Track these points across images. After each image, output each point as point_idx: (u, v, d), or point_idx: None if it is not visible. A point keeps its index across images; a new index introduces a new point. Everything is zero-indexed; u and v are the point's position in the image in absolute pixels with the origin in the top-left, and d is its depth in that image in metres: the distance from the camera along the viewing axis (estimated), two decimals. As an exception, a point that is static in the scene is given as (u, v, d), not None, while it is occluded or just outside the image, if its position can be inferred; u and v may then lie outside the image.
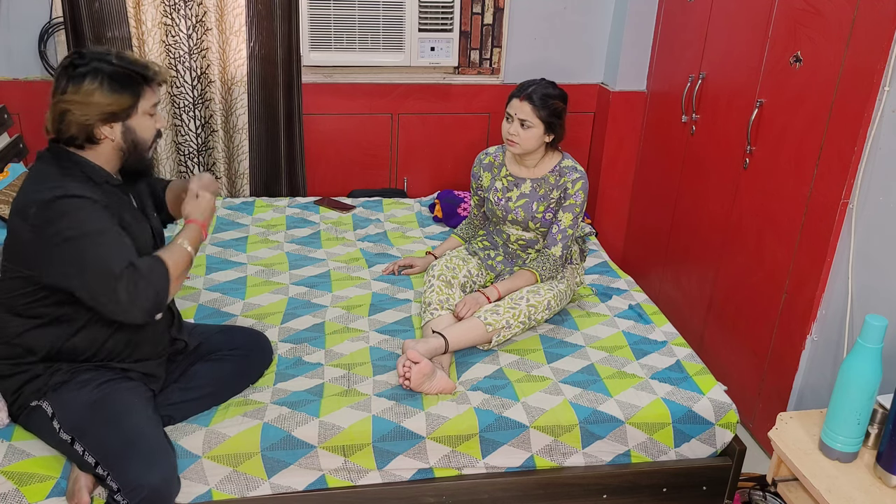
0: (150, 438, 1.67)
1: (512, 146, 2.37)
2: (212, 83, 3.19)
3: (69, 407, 1.71)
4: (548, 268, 2.39)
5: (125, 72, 1.70)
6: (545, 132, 2.36)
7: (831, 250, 2.15)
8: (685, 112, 2.96)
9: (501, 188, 2.49)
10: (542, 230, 2.45)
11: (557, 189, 2.41)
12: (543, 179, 2.43)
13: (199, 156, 3.31)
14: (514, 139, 2.36)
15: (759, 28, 2.45)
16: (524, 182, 2.45)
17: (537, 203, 2.43)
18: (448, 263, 2.46)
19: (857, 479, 1.62)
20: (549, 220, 2.43)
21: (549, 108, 2.33)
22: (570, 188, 2.39)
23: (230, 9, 3.08)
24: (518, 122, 2.34)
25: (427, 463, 1.93)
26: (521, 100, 2.33)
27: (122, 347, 1.80)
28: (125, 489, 1.59)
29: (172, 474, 1.67)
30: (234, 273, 2.62)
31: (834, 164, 2.12)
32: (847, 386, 1.61)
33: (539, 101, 2.32)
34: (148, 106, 1.76)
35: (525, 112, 2.32)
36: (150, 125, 1.80)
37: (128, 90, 1.70)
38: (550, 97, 2.33)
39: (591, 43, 3.48)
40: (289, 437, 1.86)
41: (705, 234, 2.84)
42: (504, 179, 2.50)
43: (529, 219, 2.44)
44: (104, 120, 1.69)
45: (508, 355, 2.22)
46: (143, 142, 1.79)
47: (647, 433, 2.02)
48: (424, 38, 3.30)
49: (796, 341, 2.30)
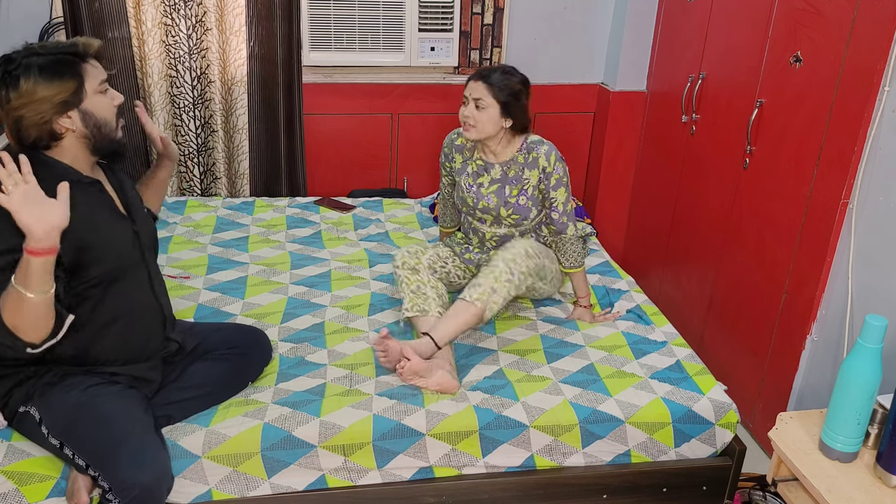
0: (139, 438, 1.65)
1: (468, 131, 2.27)
2: (212, 83, 3.19)
3: (56, 411, 1.70)
4: (574, 253, 2.37)
5: (56, 58, 1.65)
6: (502, 114, 2.26)
7: (831, 250, 2.15)
8: (685, 112, 2.96)
9: (472, 172, 2.41)
10: (514, 218, 2.36)
11: (529, 168, 2.32)
12: (513, 160, 2.34)
13: (199, 156, 3.31)
14: (469, 121, 2.26)
15: (759, 28, 2.45)
16: (493, 167, 2.37)
17: (510, 187, 2.34)
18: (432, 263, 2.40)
19: (857, 479, 1.62)
20: (523, 207, 2.34)
21: (504, 87, 2.24)
22: (547, 164, 2.31)
23: (230, 9, 3.08)
24: (473, 104, 2.24)
25: (427, 462, 1.93)
26: (476, 80, 2.25)
27: (110, 351, 1.77)
28: (116, 489, 1.59)
29: (164, 473, 1.65)
30: (234, 273, 2.62)
31: (834, 164, 2.12)
32: (847, 386, 1.61)
33: (495, 79, 2.24)
34: (95, 84, 1.70)
35: (479, 91, 2.24)
36: (107, 103, 1.73)
37: (67, 74, 1.65)
38: (507, 76, 2.26)
39: (591, 43, 3.48)
40: (289, 436, 1.86)
41: (705, 234, 2.84)
42: (474, 163, 2.41)
43: (501, 205, 2.34)
44: (58, 112, 1.64)
45: (508, 355, 2.22)
46: (105, 122, 1.73)
47: (647, 433, 2.02)
48: (424, 38, 3.30)
49: (796, 341, 2.30)
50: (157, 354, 1.89)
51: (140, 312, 1.83)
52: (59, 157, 1.71)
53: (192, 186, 3.35)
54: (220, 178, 3.35)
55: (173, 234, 2.88)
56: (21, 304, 1.50)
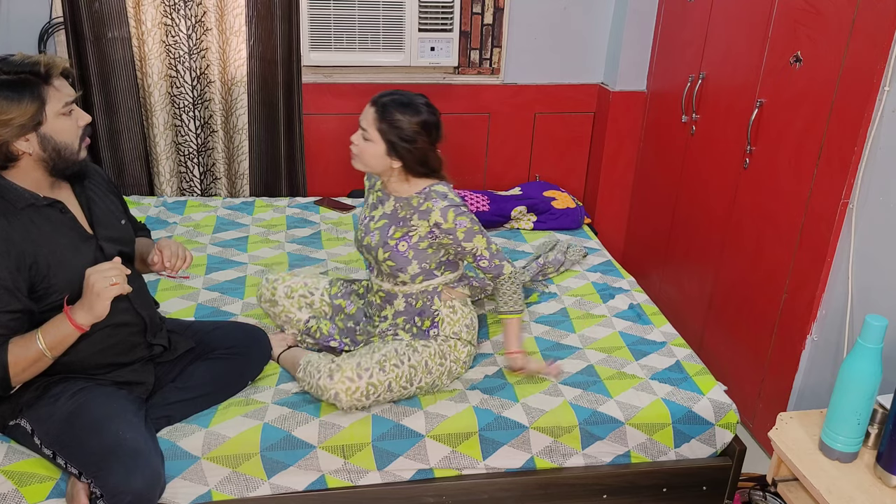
0: (130, 443, 1.64)
1: (352, 159, 2.02)
2: (212, 83, 3.19)
3: (46, 422, 1.69)
4: (511, 293, 2.06)
5: (16, 78, 1.56)
6: (388, 152, 1.96)
7: (831, 250, 2.15)
8: (685, 112, 2.96)
9: (371, 203, 2.14)
10: (389, 265, 2.03)
11: (420, 216, 1.99)
12: (407, 201, 2.03)
13: (198, 156, 3.31)
14: (353, 148, 2.00)
15: (759, 28, 2.45)
16: (388, 200, 2.07)
17: (395, 227, 2.02)
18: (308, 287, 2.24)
19: (857, 479, 1.62)
20: (401, 255, 2.01)
21: (393, 126, 1.93)
22: (443, 221, 1.97)
23: (230, 9, 3.08)
24: (360, 132, 1.98)
25: (427, 464, 1.93)
26: (371, 105, 1.98)
27: (87, 360, 1.74)
28: (108, 495, 1.58)
29: (156, 478, 1.64)
30: (234, 273, 2.62)
31: (834, 164, 2.11)
32: (847, 386, 1.61)
33: (386, 113, 1.93)
34: (59, 106, 1.61)
35: (368, 120, 1.96)
36: (69, 125, 1.64)
37: (27, 97, 1.56)
38: (400, 111, 1.93)
39: (591, 43, 3.48)
40: (289, 437, 1.86)
41: (705, 233, 2.84)
42: (375, 193, 2.14)
43: (381, 244, 2.03)
44: (15, 135, 1.56)
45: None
46: (65, 146, 1.64)
47: (647, 434, 2.02)
48: (424, 38, 3.29)
49: (796, 341, 2.30)
50: (141, 359, 1.86)
51: (116, 326, 1.78)
52: (14, 177, 1.63)
53: (192, 186, 3.35)
54: (219, 179, 3.35)
55: (173, 235, 2.88)
56: (38, 362, 1.61)
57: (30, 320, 1.64)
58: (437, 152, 2.03)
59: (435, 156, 2.03)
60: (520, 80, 3.49)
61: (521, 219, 3.17)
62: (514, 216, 3.16)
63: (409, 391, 1.97)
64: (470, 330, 2.11)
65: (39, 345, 1.59)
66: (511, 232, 3.14)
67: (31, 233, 1.61)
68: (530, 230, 3.15)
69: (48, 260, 1.63)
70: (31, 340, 1.60)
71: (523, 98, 3.51)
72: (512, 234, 3.11)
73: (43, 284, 1.64)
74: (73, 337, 1.61)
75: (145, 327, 1.86)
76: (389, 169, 2.00)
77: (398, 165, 1.99)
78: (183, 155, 3.29)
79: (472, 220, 2.01)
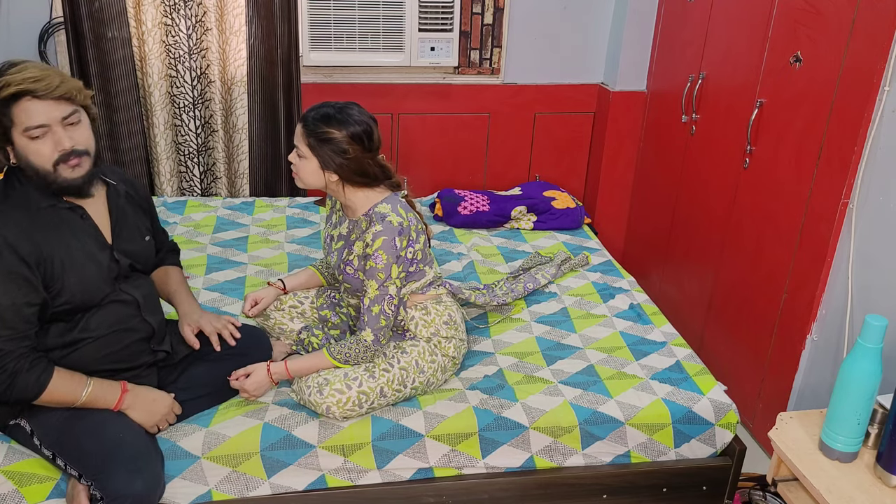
0: (130, 446, 1.64)
1: (295, 177, 1.98)
2: (212, 83, 3.19)
3: (46, 424, 1.69)
4: (352, 352, 1.92)
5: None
6: (321, 167, 1.90)
7: (831, 250, 2.15)
8: (685, 112, 2.96)
9: (333, 223, 2.11)
10: (346, 287, 2.04)
11: (360, 237, 1.95)
12: (357, 223, 1.99)
13: (199, 156, 3.31)
14: (292, 168, 1.96)
15: (759, 28, 2.45)
16: (344, 222, 2.04)
17: (348, 250, 1.99)
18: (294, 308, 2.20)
19: (857, 479, 1.62)
20: (352, 276, 1.99)
21: (319, 137, 1.87)
22: (369, 246, 1.89)
23: (230, 9, 3.08)
24: (295, 148, 1.93)
25: (427, 463, 1.93)
26: (300, 122, 1.91)
27: (92, 364, 1.74)
28: (108, 499, 1.58)
29: (156, 481, 1.65)
30: (233, 273, 2.62)
31: (834, 164, 2.11)
32: (847, 386, 1.61)
33: (311, 123, 1.87)
34: (30, 124, 1.54)
35: (297, 136, 1.91)
36: (38, 149, 1.56)
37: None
38: (327, 124, 1.86)
39: (591, 43, 3.48)
40: (289, 436, 1.86)
41: (705, 233, 2.84)
42: (338, 213, 2.10)
43: (337, 267, 2.03)
44: None
45: (507, 358, 2.21)
46: (37, 167, 1.58)
47: (647, 434, 2.02)
48: (424, 38, 3.30)
49: (796, 341, 2.30)
50: (144, 365, 1.86)
51: (123, 332, 1.78)
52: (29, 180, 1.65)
53: (192, 186, 3.35)
54: (220, 178, 3.35)
55: (173, 235, 2.88)
56: (65, 401, 1.66)
57: (43, 318, 1.65)
58: (376, 159, 1.96)
59: (374, 164, 1.94)
60: (520, 80, 3.50)
61: (521, 219, 3.18)
62: (514, 216, 3.16)
63: (405, 393, 1.97)
64: (450, 326, 2.07)
65: (82, 395, 1.66)
66: (511, 232, 3.14)
67: (49, 230, 1.62)
68: (530, 230, 3.15)
69: (63, 260, 1.65)
70: (78, 385, 1.66)
71: (523, 98, 3.51)
72: (512, 234, 3.11)
73: (56, 285, 1.65)
74: (108, 406, 1.70)
75: (152, 334, 1.86)
76: (332, 183, 1.94)
77: (335, 179, 1.93)
78: (183, 155, 3.29)
79: (386, 263, 1.89)
